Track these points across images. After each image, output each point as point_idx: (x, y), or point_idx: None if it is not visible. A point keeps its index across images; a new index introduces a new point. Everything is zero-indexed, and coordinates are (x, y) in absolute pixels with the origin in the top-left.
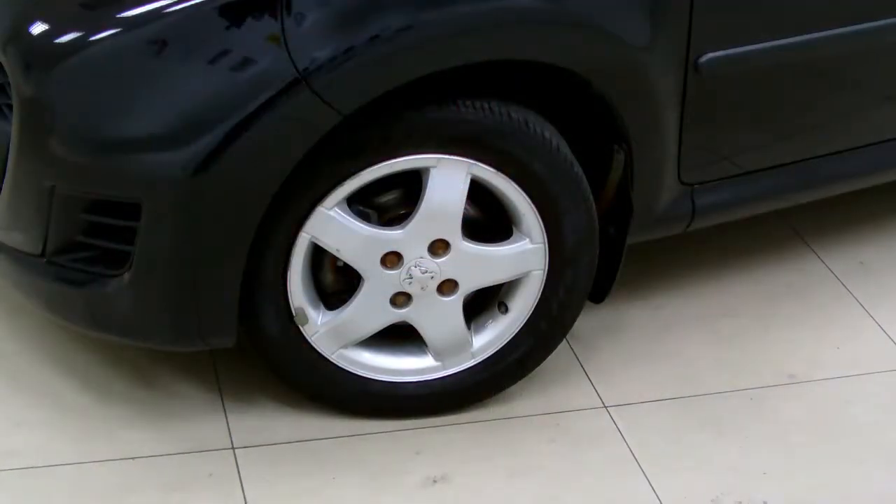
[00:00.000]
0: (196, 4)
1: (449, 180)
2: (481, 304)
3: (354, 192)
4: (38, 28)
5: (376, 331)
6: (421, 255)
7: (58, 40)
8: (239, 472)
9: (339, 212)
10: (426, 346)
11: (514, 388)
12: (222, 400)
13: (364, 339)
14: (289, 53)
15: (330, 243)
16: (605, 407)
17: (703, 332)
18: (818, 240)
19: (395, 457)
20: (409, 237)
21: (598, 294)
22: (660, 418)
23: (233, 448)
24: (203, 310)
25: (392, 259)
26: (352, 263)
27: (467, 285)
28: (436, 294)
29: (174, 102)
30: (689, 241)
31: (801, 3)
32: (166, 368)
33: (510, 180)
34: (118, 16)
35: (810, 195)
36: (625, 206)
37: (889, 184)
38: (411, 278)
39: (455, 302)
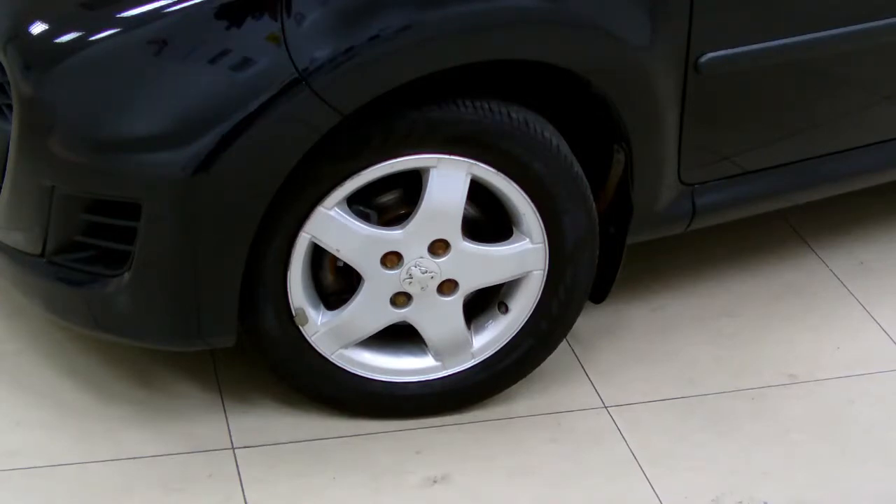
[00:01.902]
0: (196, 4)
1: (449, 180)
2: (481, 304)
3: (354, 192)
4: (37, 28)
5: (376, 331)
6: (421, 255)
7: (57, 40)
8: (239, 472)
9: (339, 212)
10: (426, 346)
11: (514, 388)
12: (222, 400)
13: (364, 339)
14: (289, 53)
15: (330, 243)
16: (605, 407)
17: (703, 332)
18: (818, 240)
19: (396, 457)
20: (409, 237)
21: (598, 294)
22: (660, 418)
23: (233, 448)
24: (203, 310)
25: (392, 259)
26: (352, 263)
27: (467, 285)
28: (436, 294)
29: (174, 102)
30: (689, 241)
31: (801, 4)
32: (166, 368)
33: (510, 180)
34: (118, 16)
35: (810, 195)
36: (625, 206)
37: (889, 184)
38: (411, 278)
39: (455, 302)
